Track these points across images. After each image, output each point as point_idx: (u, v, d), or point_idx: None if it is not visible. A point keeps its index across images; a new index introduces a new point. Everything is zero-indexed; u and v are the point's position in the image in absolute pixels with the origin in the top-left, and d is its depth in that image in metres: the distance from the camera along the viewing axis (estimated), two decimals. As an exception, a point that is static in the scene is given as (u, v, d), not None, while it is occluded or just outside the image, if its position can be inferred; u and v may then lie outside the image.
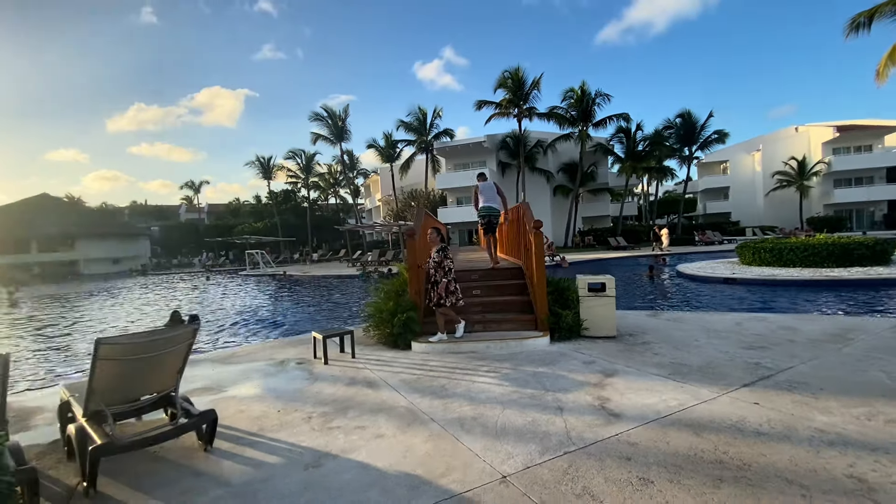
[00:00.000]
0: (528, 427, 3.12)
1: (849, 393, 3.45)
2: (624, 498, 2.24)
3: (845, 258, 11.71)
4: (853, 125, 38.80)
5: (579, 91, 30.57)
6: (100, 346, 2.47)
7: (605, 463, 2.59)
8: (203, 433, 3.05)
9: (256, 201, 65.94)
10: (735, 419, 3.09)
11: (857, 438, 2.73)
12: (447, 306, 5.35)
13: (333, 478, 2.59)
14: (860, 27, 15.81)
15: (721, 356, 4.56)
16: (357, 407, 3.70)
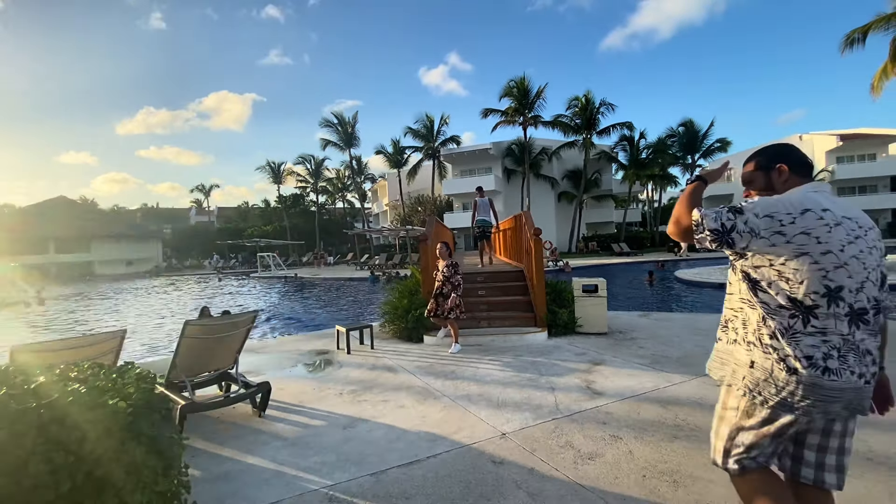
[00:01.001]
0: (524, 401, 3.76)
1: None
2: (597, 448, 2.88)
3: (835, 265, 12.20)
4: (857, 134, 39.12)
5: (584, 100, 31.29)
6: (186, 326, 3.16)
7: (585, 426, 3.22)
8: (257, 402, 3.71)
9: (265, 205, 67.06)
10: (697, 397, 3.71)
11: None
12: (451, 318, 5.58)
13: (367, 435, 3.25)
14: (855, 42, 16.42)
15: (699, 350, 5.17)
16: (380, 386, 4.36)
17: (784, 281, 1.38)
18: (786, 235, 1.36)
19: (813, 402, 1.34)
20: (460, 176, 37.44)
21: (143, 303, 18.06)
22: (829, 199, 1.43)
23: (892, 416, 3.11)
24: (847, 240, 1.36)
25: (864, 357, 1.35)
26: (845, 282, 1.34)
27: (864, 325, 1.36)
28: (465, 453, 2.88)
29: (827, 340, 1.34)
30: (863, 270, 1.37)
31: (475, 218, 9.30)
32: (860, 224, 1.41)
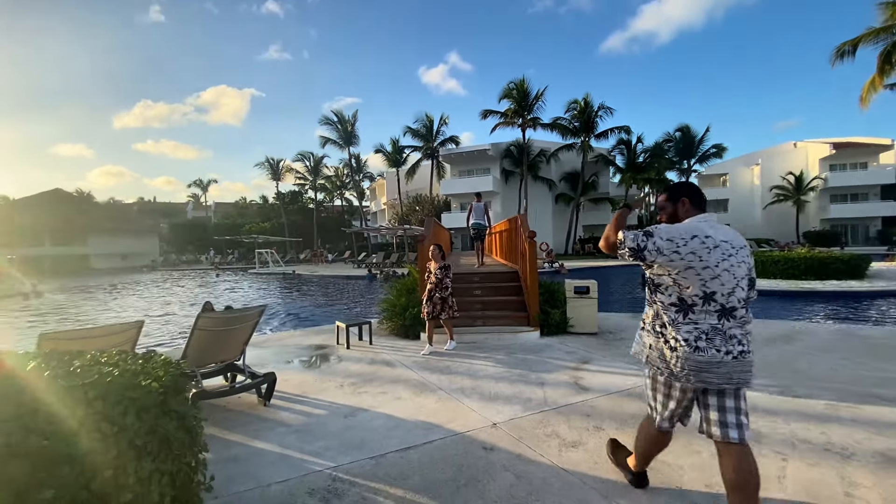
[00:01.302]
0: (514, 395, 3.99)
1: (772, 376, 4.31)
2: (580, 437, 3.11)
3: (822, 271, 12.55)
4: (849, 142, 39.65)
5: (582, 103, 31.59)
6: (199, 318, 3.36)
7: (570, 417, 3.45)
8: (262, 392, 3.92)
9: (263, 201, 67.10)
10: (677, 393, 3.95)
11: (763, 404, 3.59)
12: (444, 318, 5.64)
13: (367, 423, 3.46)
14: (845, 55, 16.75)
15: (682, 350, 5.41)
16: (378, 379, 4.58)
17: (676, 286, 1.93)
18: (680, 254, 1.89)
19: (689, 372, 1.89)
20: (459, 176, 37.67)
21: (142, 297, 18.18)
22: (712, 227, 1.97)
23: (853, 412, 3.38)
24: (722, 258, 1.89)
25: (731, 340, 1.87)
26: (718, 288, 1.88)
27: (734, 318, 1.89)
28: (458, 440, 3.10)
29: (698, 328, 1.89)
30: (732, 279, 1.89)
31: (470, 220, 9.84)
32: (733, 245, 1.94)
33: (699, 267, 1.88)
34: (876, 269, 14.10)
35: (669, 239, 1.92)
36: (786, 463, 2.69)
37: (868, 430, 3.10)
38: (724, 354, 1.85)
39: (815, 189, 39.23)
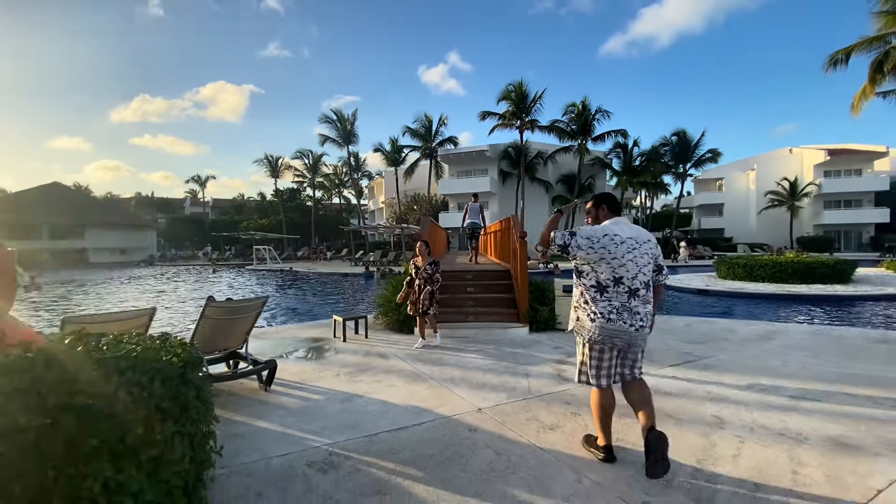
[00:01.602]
0: (500, 384, 4.25)
1: (745, 372, 4.58)
2: (558, 421, 3.37)
3: (808, 276, 12.87)
4: (844, 149, 40.13)
5: (580, 106, 31.89)
6: (207, 307, 3.61)
7: (550, 405, 3.71)
8: (263, 379, 4.16)
9: (261, 198, 67.16)
10: (652, 384, 4.15)
11: (732, 397, 3.86)
12: (430, 314, 5.78)
13: (362, 407, 3.71)
14: (838, 63, 17.07)
15: (663, 347, 5.68)
16: (373, 369, 4.83)
17: (594, 272, 2.58)
18: (594, 249, 2.53)
19: (604, 338, 2.54)
20: (457, 176, 37.92)
21: (143, 291, 18.37)
22: (621, 227, 2.61)
23: (814, 404, 3.65)
24: (627, 251, 2.53)
25: (634, 315, 2.52)
26: (624, 274, 2.52)
27: (638, 297, 2.53)
28: (446, 423, 3.36)
29: (611, 304, 2.52)
30: (636, 267, 2.53)
31: (466, 220, 10.49)
32: (637, 241, 2.58)
33: (609, 258, 2.53)
34: (862, 275, 14.44)
35: (587, 237, 2.57)
36: (742, 444, 2.96)
37: (824, 420, 3.37)
38: (628, 326, 2.51)
39: (809, 195, 39.67)
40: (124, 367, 1.87)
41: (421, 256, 5.90)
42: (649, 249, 2.61)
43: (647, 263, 2.59)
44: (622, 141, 33.52)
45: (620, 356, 2.66)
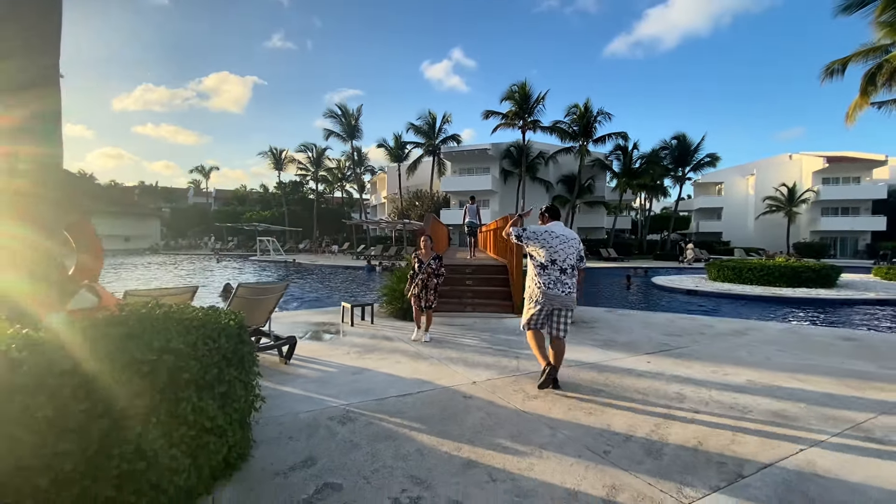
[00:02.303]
0: (493, 363, 4.79)
1: (713, 361, 5.11)
2: (541, 393, 3.90)
3: (794, 279, 13.39)
4: (843, 157, 40.53)
5: (582, 108, 32.30)
6: (239, 287, 4.14)
7: (535, 379, 4.24)
8: (283, 353, 4.70)
9: (264, 190, 67.63)
10: (628, 367, 4.76)
11: (695, 379, 4.40)
12: (432, 309, 5.95)
13: (371, 378, 4.26)
14: (834, 73, 17.50)
15: (643, 338, 6.22)
16: (380, 349, 5.37)
17: (538, 256, 3.95)
18: (539, 241, 3.96)
19: (545, 301, 3.90)
20: (459, 174, 38.39)
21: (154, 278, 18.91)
22: (557, 228, 4.03)
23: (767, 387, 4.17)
24: (559, 244, 3.93)
25: (564, 286, 3.86)
26: (557, 258, 3.88)
27: (566, 275, 3.88)
28: (445, 391, 3.90)
29: (549, 278, 3.87)
30: (564, 255, 3.90)
31: (465, 219, 11.82)
32: (567, 238, 3.98)
33: (547, 246, 3.93)
34: (847, 280, 14.97)
35: (534, 232, 4.05)
36: (696, 415, 3.50)
37: (771, 399, 3.90)
38: (560, 293, 3.86)
39: (806, 201, 40.12)
40: (198, 325, 2.40)
41: (425, 251, 6.05)
42: (574, 245, 4.03)
43: (573, 253, 3.98)
44: (622, 143, 33.98)
45: (552, 316, 4.01)
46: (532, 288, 3.99)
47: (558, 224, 4.10)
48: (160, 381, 2.00)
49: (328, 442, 2.92)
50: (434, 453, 2.78)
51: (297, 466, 2.60)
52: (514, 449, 2.86)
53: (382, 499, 2.29)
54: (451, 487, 2.40)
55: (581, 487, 2.42)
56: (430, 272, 5.93)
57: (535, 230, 4.02)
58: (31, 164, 2.41)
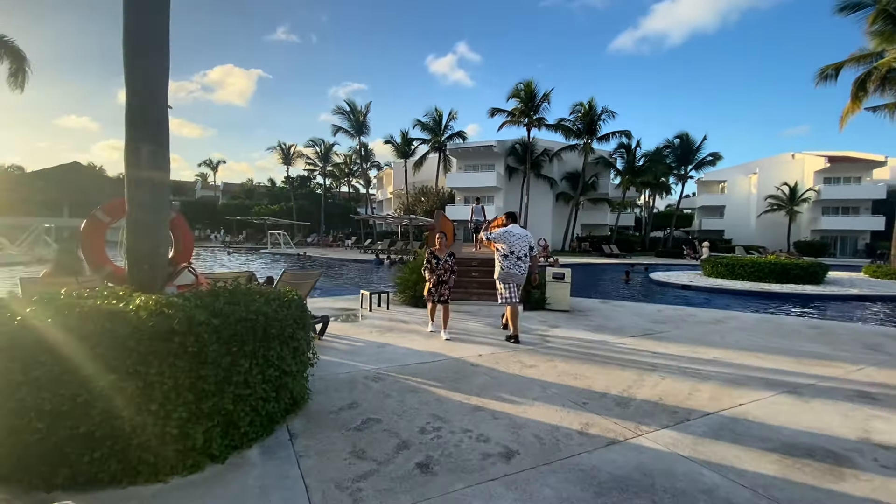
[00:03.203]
0: (496, 342, 5.57)
1: (689, 342, 5.86)
2: (536, 363, 4.68)
3: (783, 276, 14.07)
4: (844, 157, 40.82)
5: (587, 106, 32.84)
6: (284, 273, 4.93)
7: (532, 354, 5.02)
8: (317, 330, 5.48)
9: (271, 184, 68.59)
10: (612, 345, 5.53)
11: (669, 354, 5.15)
12: (448, 303, 6.04)
13: (392, 351, 5.04)
14: (828, 77, 18.05)
15: (631, 324, 6.98)
16: (397, 330, 6.16)
17: (502, 249, 5.61)
18: (501, 239, 5.65)
19: (508, 276, 5.56)
20: (464, 170, 39.02)
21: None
22: (514, 228, 5.72)
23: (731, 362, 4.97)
24: (516, 239, 5.60)
25: (520, 268, 5.56)
26: (515, 250, 5.56)
27: (521, 260, 5.58)
28: (455, 361, 4.69)
29: (510, 262, 5.56)
30: (519, 248, 5.57)
31: (472, 218, 13.97)
32: (521, 235, 5.65)
33: (508, 242, 5.54)
34: (835, 277, 15.62)
35: (499, 233, 5.66)
36: (662, 380, 4.26)
37: (730, 370, 4.65)
38: (518, 272, 5.51)
39: (808, 200, 40.50)
40: (275, 297, 3.18)
41: (440, 248, 6.13)
42: (526, 239, 5.64)
43: (525, 245, 5.59)
44: (626, 142, 34.54)
45: (518, 290, 5.57)
46: (499, 270, 5.63)
47: (515, 226, 5.76)
48: (258, 334, 2.78)
49: (365, 393, 3.71)
50: (449, 401, 3.57)
51: (345, 408, 3.39)
52: (512, 400, 3.64)
53: (412, 428, 3.07)
54: (463, 421, 3.18)
55: (562, 424, 3.20)
56: (446, 268, 6.01)
57: (499, 232, 5.69)
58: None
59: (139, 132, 3.01)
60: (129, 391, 2.25)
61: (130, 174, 3.02)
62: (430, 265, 6.09)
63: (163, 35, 3.11)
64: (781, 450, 2.88)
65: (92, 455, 2.22)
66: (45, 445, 2.19)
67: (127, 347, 2.25)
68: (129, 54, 2.99)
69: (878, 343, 6.09)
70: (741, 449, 2.88)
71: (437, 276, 6.00)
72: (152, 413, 2.30)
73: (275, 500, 2.22)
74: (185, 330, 2.40)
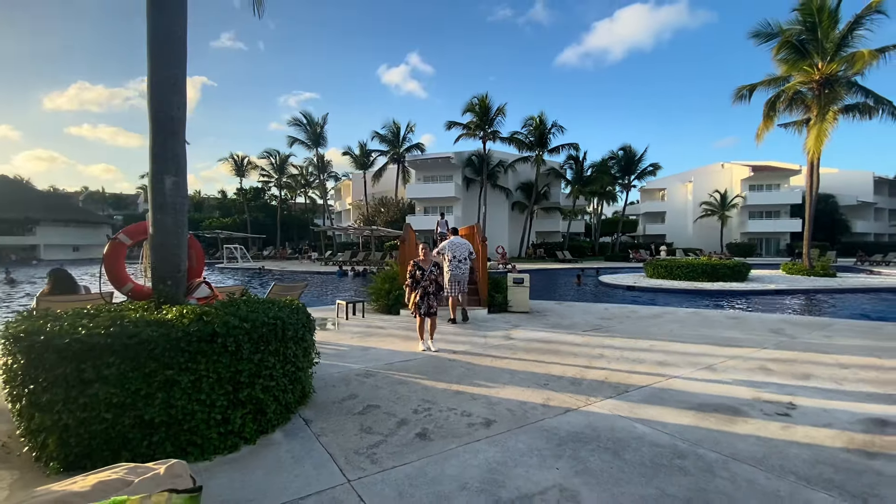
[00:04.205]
0: (468, 341, 6.26)
1: (630, 335, 6.82)
2: (504, 355, 5.41)
3: (713, 275, 15.79)
4: (766, 166, 45.35)
5: (538, 119, 34.71)
6: (274, 285, 5.38)
7: (499, 349, 5.75)
8: (303, 338, 5.93)
9: (222, 196, 66.35)
10: (567, 339, 6.37)
11: (614, 345, 6.05)
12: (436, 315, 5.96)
13: (376, 352, 5.61)
14: (743, 97, 20.35)
15: (582, 321, 7.90)
16: (376, 335, 6.72)
17: (448, 256, 7.83)
18: (448, 249, 7.91)
19: (452, 276, 7.76)
20: (423, 181, 39.83)
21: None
22: (456, 239, 8.11)
23: (658, 349, 5.95)
24: (456, 248, 7.91)
25: (461, 269, 7.84)
26: (457, 255, 7.84)
27: (462, 263, 7.87)
28: (434, 357, 5.33)
29: (453, 265, 7.77)
30: (461, 253, 7.88)
31: (438, 230, 15.01)
32: (461, 244, 8.00)
33: (452, 251, 7.84)
34: (756, 275, 17.63)
35: (444, 247, 7.99)
36: (609, 364, 5.10)
37: (661, 354, 5.59)
38: (459, 273, 7.79)
39: (736, 206, 44.54)
40: (285, 304, 3.71)
41: (425, 259, 5.98)
42: (465, 247, 7.93)
43: (465, 251, 7.89)
44: (574, 154, 36.74)
45: (458, 284, 7.74)
46: (447, 272, 7.57)
47: (456, 237, 8.16)
48: (278, 335, 3.31)
49: (360, 386, 4.28)
50: (434, 388, 4.21)
51: (346, 399, 3.95)
52: (486, 385, 4.34)
53: (407, 409, 3.68)
54: (448, 402, 3.84)
55: (528, 400, 3.92)
56: (431, 279, 5.87)
57: (445, 244, 7.98)
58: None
59: (161, 165, 3.47)
60: (182, 384, 2.73)
61: (155, 202, 3.47)
62: (413, 277, 5.83)
63: (182, 83, 3.59)
64: (695, 408, 3.74)
65: (150, 439, 2.69)
66: (111, 433, 2.63)
67: (180, 348, 2.74)
68: (153, 101, 3.45)
69: (781, 328, 7.33)
70: (665, 409, 3.72)
71: (423, 287, 5.78)
72: (200, 402, 2.79)
73: (307, 465, 2.78)
74: (225, 332, 2.91)
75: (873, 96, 18.21)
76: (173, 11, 3.56)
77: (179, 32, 3.58)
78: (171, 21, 3.54)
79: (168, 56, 3.52)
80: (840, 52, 17.60)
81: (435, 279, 5.89)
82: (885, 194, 50.27)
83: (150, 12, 3.51)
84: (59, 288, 4.70)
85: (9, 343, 2.70)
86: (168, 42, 3.52)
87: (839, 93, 18.08)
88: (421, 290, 5.76)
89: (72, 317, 2.86)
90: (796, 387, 4.31)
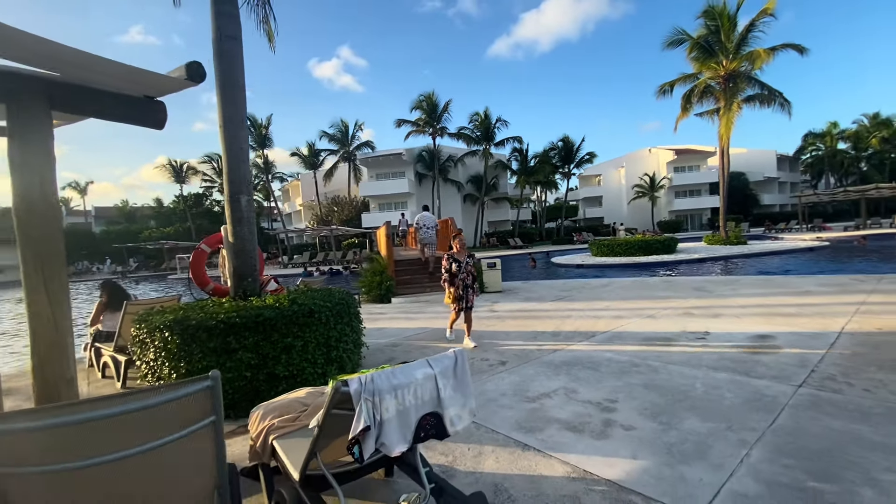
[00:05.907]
0: (461, 316, 7.54)
1: (587, 300, 8.40)
2: (495, 323, 6.74)
3: (648, 249, 18.16)
4: (687, 149, 50.20)
5: (483, 115, 36.38)
6: (300, 281, 6.33)
7: (489, 319, 7.08)
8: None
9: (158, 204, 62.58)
10: (540, 308, 7.83)
11: (577, 308, 7.58)
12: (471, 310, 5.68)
13: (389, 331, 6.74)
14: (666, 92, 23.08)
15: (548, 294, 9.43)
16: (381, 319, 7.82)
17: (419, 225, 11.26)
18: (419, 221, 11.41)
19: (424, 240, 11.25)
20: (376, 179, 40.38)
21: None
22: (424, 214, 11.48)
23: (612, 308, 7.58)
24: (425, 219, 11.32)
25: (430, 233, 11.28)
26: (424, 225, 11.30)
27: (430, 230, 11.37)
28: (434, 332, 6.56)
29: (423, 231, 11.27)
30: (426, 222, 11.27)
31: (400, 226, 16.97)
32: (429, 217, 11.43)
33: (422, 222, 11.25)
34: (683, 247, 20.37)
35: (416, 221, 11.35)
36: (575, 322, 6.58)
37: (615, 311, 7.16)
38: (427, 235, 11.25)
39: (664, 187, 49.05)
40: (337, 292, 4.78)
41: (460, 250, 5.72)
42: (432, 220, 11.24)
43: (432, 222, 11.33)
44: (518, 146, 38.85)
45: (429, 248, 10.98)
46: (420, 239, 9.96)
47: (426, 212, 10.95)
48: (347, 311, 4.39)
49: (395, 350, 5.43)
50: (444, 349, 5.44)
51: (388, 360, 5.09)
52: (491, 342, 5.65)
53: (439, 362, 4.90)
54: (468, 354, 5.09)
55: (526, 347, 5.27)
56: (468, 271, 5.59)
57: (418, 216, 10.79)
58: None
59: (237, 187, 4.40)
60: (296, 347, 3.78)
61: (234, 216, 4.39)
62: (449, 271, 5.56)
63: (244, 115, 4.51)
64: (642, 341, 5.26)
65: (276, 390, 3.71)
66: (248, 388, 3.63)
67: (293, 322, 3.78)
68: (226, 136, 4.36)
69: (702, 286, 9.26)
70: (622, 343, 5.20)
71: (462, 279, 5.51)
72: (308, 360, 3.85)
73: (388, 397, 3.93)
74: (319, 310, 3.97)
75: (768, 88, 21.42)
76: (237, 62, 4.46)
77: (241, 80, 4.49)
78: (232, 69, 4.45)
79: (234, 99, 4.43)
80: (740, 51, 20.55)
81: (471, 271, 5.57)
82: (787, 170, 57.19)
83: (217, 63, 4.39)
84: (115, 297, 5.38)
85: (166, 328, 3.60)
86: (233, 88, 4.43)
87: (741, 86, 21.10)
88: (460, 282, 5.49)
89: (192, 310, 3.82)
90: (710, 322, 5.99)
